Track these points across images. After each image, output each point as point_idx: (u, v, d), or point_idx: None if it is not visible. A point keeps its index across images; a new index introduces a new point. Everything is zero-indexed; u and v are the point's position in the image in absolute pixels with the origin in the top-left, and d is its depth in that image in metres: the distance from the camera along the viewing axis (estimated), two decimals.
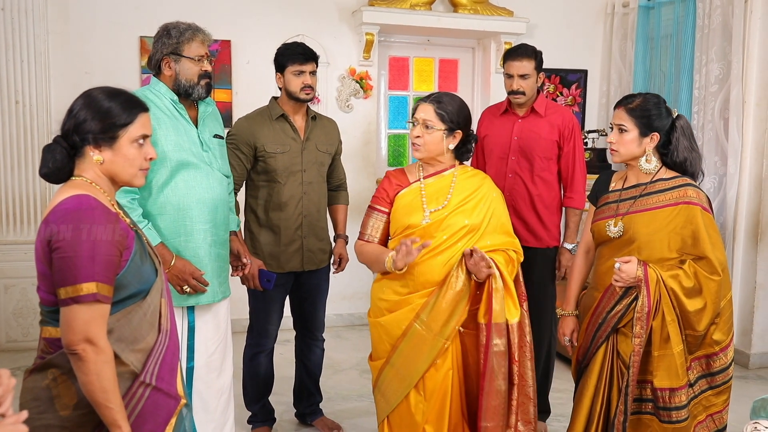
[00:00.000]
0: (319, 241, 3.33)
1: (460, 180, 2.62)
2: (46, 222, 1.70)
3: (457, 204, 2.57)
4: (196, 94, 2.68)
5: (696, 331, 2.41)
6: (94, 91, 1.81)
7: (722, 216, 4.60)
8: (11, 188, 4.56)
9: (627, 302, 2.44)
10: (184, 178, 2.61)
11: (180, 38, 2.63)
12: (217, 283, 2.74)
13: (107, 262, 1.68)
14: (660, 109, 2.45)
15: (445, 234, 2.54)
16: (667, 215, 2.41)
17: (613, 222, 2.50)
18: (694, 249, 2.39)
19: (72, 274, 1.64)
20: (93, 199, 1.71)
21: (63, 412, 1.71)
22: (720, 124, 4.59)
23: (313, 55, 3.21)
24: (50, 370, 1.73)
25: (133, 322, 1.76)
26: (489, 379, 2.44)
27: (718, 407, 2.52)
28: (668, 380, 2.39)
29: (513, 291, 2.49)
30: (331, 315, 5.08)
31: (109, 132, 1.76)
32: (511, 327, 2.46)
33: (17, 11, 4.45)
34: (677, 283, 2.36)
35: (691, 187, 2.43)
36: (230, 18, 4.89)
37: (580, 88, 5.77)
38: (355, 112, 5.26)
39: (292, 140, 3.22)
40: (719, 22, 4.55)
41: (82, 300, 1.64)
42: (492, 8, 5.33)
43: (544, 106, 3.38)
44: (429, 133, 2.58)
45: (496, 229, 2.58)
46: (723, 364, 2.48)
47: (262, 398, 3.43)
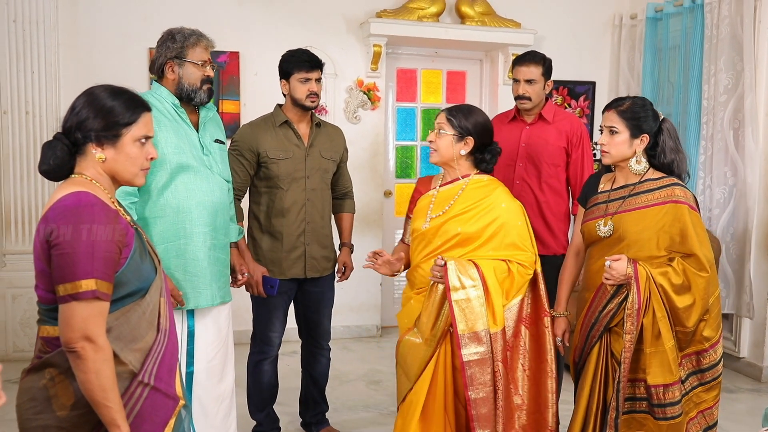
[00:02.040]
0: (322, 248, 3.31)
1: (468, 189, 2.67)
2: (45, 219, 1.68)
3: (456, 212, 2.64)
4: (198, 99, 2.69)
5: (686, 327, 2.45)
6: (96, 89, 1.80)
7: (732, 227, 4.55)
8: (20, 198, 4.59)
9: (618, 301, 2.47)
10: (184, 180, 2.61)
11: (184, 43, 2.65)
12: (216, 287, 2.73)
13: (107, 259, 1.66)
14: (648, 112, 2.51)
15: (439, 240, 2.64)
16: (656, 214, 2.45)
17: (602, 222, 2.55)
18: (682, 246, 2.43)
19: (71, 270, 1.63)
20: (93, 196, 1.70)
21: (60, 412, 1.69)
22: (729, 134, 4.56)
23: (319, 62, 3.22)
24: (47, 370, 1.71)
25: (131, 320, 1.74)
26: (470, 388, 2.48)
27: (708, 403, 2.56)
28: (662, 376, 2.42)
29: (494, 300, 2.49)
30: (338, 327, 5.06)
31: (113, 130, 1.76)
32: (493, 335, 2.49)
33: (28, 23, 4.49)
34: (666, 280, 2.40)
35: (679, 187, 2.47)
36: (239, 30, 4.93)
37: (588, 99, 5.76)
38: (362, 123, 5.27)
39: (296, 147, 3.22)
40: (727, 32, 4.54)
41: (81, 297, 1.62)
42: (499, 20, 5.35)
43: (552, 113, 3.37)
44: (440, 137, 2.68)
45: (502, 241, 2.59)
46: (712, 361, 2.53)
47: (266, 407, 3.40)
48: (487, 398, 2.48)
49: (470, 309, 2.46)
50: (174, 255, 2.60)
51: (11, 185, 4.57)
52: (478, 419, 2.47)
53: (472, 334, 2.46)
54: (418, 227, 2.71)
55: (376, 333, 5.46)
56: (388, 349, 5.04)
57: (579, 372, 2.65)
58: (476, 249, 2.58)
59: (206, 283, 2.67)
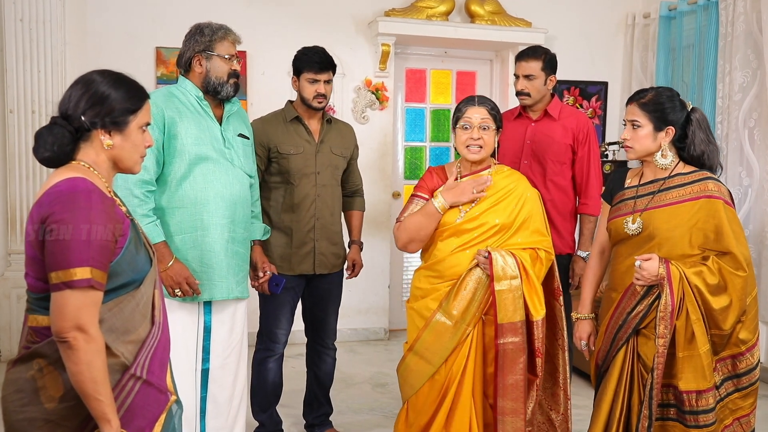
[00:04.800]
0: (332, 245, 3.28)
1: (496, 179, 2.67)
2: (39, 204, 1.63)
3: (491, 203, 2.64)
4: (224, 92, 2.72)
5: (722, 330, 2.32)
6: (96, 74, 1.75)
7: (747, 229, 4.44)
8: (25, 197, 4.57)
9: (648, 302, 2.35)
10: (203, 171, 2.63)
11: (213, 36, 2.70)
12: (235, 282, 2.73)
13: (103, 248, 1.61)
14: (674, 102, 2.38)
15: (476, 231, 2.63)
16: (688, 210, 2.33)
17: (631, 219, 2.42)
18: (717, 244, 2.31)
19: (65, 258, 1.57)
20: (90, 183, 1.65)
21: (48, 404, 1.64)
22: (744, 133, 4.46)
23: (330, 64, 3.18)
24: (36, 360, 1.65)
25: (125, 312, 1.70)
26: (501, 375, 2.55)
27: (745, 410, 2.41)
28: (695, 382, 2.29)
29: (538, 289, 2.56)
30: (345, 329, 5.01)
31: (122, 116, 1.73)
32: (536, 324, 2.55)
33: (35, 22, 4.49)
34: (701, 280, 2.27)
35: (712, 181, 2.34)
36: (246, 29, 4.86)
37: (600, 100, 5.67)
38: (371, 123, 5.22)
39: (306, 142, 3.20)
40: (743, 29, 4.45)
41: (76, 285, 1.57)
42: (510, 19, 5.28)
43: (558, 110, 3.30)
44: (487, 134, 2.65)
45: (529, 228, 2.64)
46: (749, 365, 2.38)
47: (269, 407, 3.35)
48: (516, 384, 2.54)
49: (511, 300, 2.52)
50: (191, 246, 2.62)
51: (17, 184, 4.56)
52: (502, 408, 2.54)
53: (510, 324, 2.52)
54: (450, 221, 2.66)
55: (384, 336, 5.39)
56: (395, 353, 4.97)
57: (601, 376, 2.52)
58: (510, 238, 2.62)
59: (222, 275, 2.68)
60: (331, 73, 3.19)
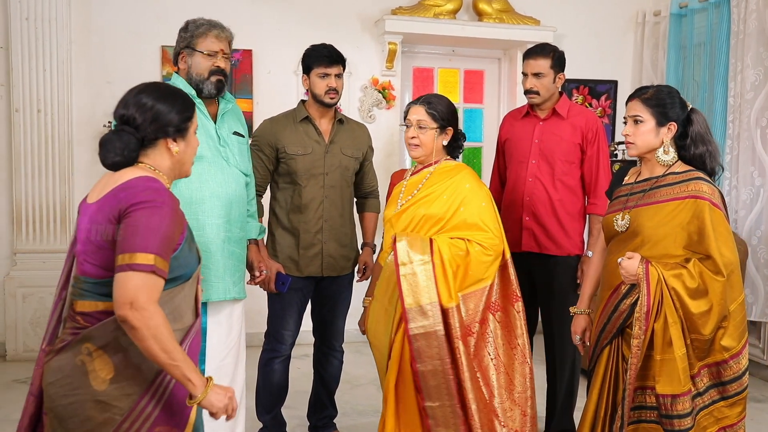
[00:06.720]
0: (341, 247, 3.24)
1: (435, 174, 2.75)
2: (116, 195, 1.76)
3: (422, 196, 2.72)
4: (206, 90, 2.66)
5: (701, 335, 2.26)
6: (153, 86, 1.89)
7: (759, 230, 4.38)
8: (31, 197, 4.57)
9: (631, 301, 2.33)
10: (198, 171, 2.57)
11: (195, 32, 2.66)
12: (231, 282, 2.70)
13: (169, 240, 1.74)
14: (674, 99, 2.37)
15: (405, 223, 2.73)
16: (673, 209, 2.30)
17: (620, 215, 2.41)
18: (699, 246, 2.27)
19: (135, 242, 1.68)
20: (160, 183, 1.82)
21: (99, 386, 1.72)
22: (756, 133, 4.40)
23: (339, 57, 3.15)
24: (85, 345, 1.74)
25: (176, 301, 1.82)
26: (419, 360, 2.51)
27: (731, 420, 2.35)
28: (670, 386, 2.24)
29: (449, 275, 2.54)
30: (352, 330, 4.94)
31: (185, 124, 1.89)
32: (449, 311, 2.51)
33: (41, 21, 4.48)
34: (680, 283, 2.23)
35: (704, 182, 2.30)
36: (252, 28, 4.87)
37: (610, 99, 5.62)
38: (377, 122, 5.18)
39: (315, 143, 3.17)
40: (755, 27, 4.39)
41: (139, 269, 1.67)
42: (518, 17, 5.23)
43: (567, 108, 3.25)
44: (423, 133, 2.73)
45: (466, 222, 2.65)
46: (735, 373, 2.32)
47: (274, 408, 3.33)
48: (435, 371, 2.50)
49: (416, 283, 2.52)
50: None
51: (23, 184, 4.55)
52: (427, 392, 2.50)
53: (418, 308, 2.51)
54: (389, 214, 2.80)
55: None
56: None
57: (590, 373, 2.52)
58: (440, 230, 2.65)
59: (219, 276, 2.64)
60: (341, 68, 3.16)
